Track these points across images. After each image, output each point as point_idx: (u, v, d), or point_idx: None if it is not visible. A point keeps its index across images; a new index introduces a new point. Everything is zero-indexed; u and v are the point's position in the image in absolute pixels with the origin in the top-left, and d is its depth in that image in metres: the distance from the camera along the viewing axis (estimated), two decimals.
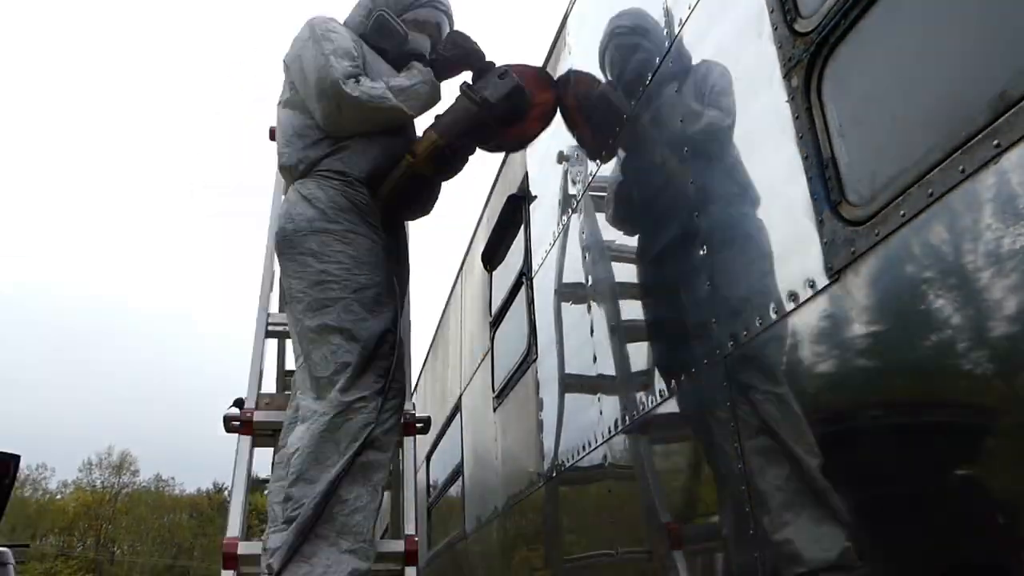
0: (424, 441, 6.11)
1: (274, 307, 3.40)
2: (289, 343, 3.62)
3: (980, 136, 1.04)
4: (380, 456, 2.35)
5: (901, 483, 1.23)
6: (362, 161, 2.57)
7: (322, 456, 2.23)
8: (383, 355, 2.39)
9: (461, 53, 2.73)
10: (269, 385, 3.35)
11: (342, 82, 2.44)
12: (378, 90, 2.49)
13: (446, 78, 2.77)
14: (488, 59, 2.75)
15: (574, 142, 2.86)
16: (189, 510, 54.00)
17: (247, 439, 2.70)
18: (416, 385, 7.03)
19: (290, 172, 2.64)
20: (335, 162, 2.55)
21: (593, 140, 2.68)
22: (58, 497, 51.83)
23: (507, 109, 2.61)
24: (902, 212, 1.18)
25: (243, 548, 2.41)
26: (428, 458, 5.94)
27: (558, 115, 2.95)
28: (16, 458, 6.06)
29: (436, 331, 6.04)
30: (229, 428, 2.72)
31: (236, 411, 2.74)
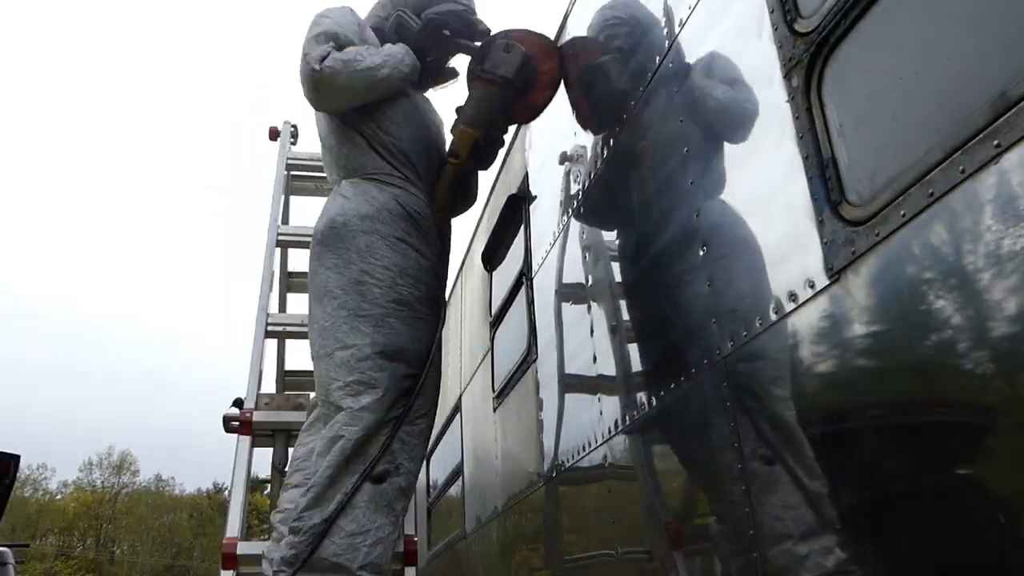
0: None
1: (274, 307, 3.40)
2: (289, 343, 3.63)
3: (980, 136, 1.04)
4: (404, 484, 2.28)
5: (901, 483, 1.23)
6: (407, 165, 2.54)
7: (338, 478, 2.16)
8: (411, 376, 2.32)
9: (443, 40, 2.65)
10: (269, 385, 3.36)
11: (315, 64, 2.36)
12: (349, 54, 2.41)
13: (432, 53, 2.71)
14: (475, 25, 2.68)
15: (574, 142, 2.86)
16: (189, 510, 53.98)
17: (247, 439, 2.71)
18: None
19: (349, 171, 2.57)
20: (391, 166, 2.52)
21: (592, 140, 2.68)
22: (58, 497, 51.82)
23: (523, 81, 2.56)
24: (902, 212, 1.18)
25: (243, 548, 2.42)
26: (428, 458, 5.94)
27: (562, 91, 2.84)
28: (16, 458, 6.07)
29: None
30: (228, 428, 2.72)
31: (236, 411, 2.74)
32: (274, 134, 3.84)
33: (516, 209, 3.57)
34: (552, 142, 3.10)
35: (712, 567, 1.86)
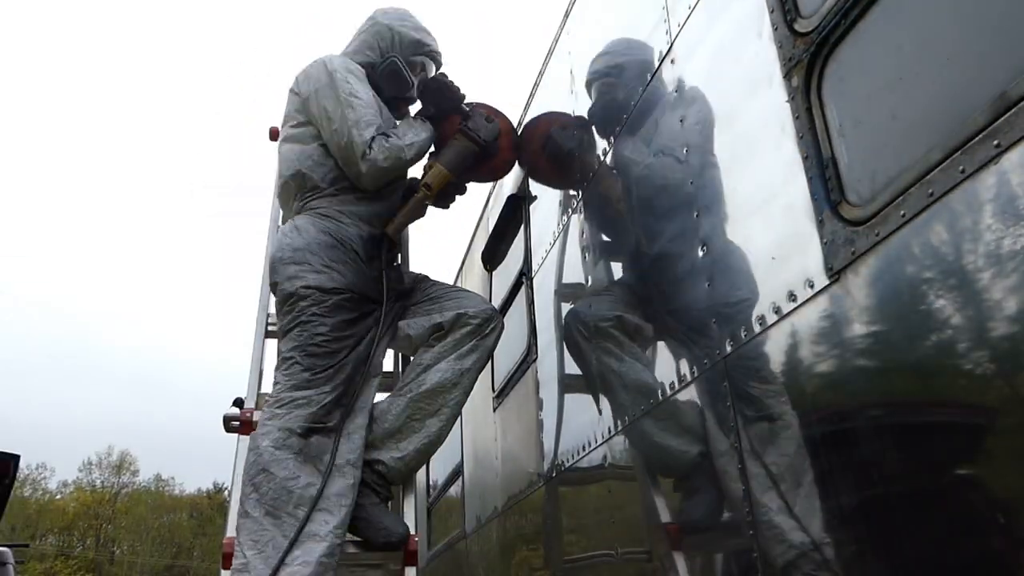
0: None
1: (273, 307, 3.39)
2: None
3: (980, 136, 1.04)
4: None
5: (901, 483, 1.23)
6: (349, 202, 2.72)
7: None
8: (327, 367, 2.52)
9: (449, 106, 2.93)
10: (269, 385, 3.34)
11: (365, 155, 2.60)
12: (394, 152, 2.65)
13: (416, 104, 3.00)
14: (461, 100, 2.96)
15: (573, 142, 2.86)
16: (189, 510, 53.99)
17: (247, 439, 2.63)
18: None
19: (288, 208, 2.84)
20: (323, 202, 2.71)
21: (591, 140, 2.68)
22: (58, 497, 51.82)
23: (494, 149, 2.91)
24: (902, 212, 1.18)
25: None
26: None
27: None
28: (16, 458, 6.08)
29: None
30: (229, 428, 2.72)
31: (236, 411, 2.74)
32: (274, 134, 3.75)
33: (516, 209, 3.57)
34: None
35: (712, 566, 1.86)
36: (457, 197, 2.99)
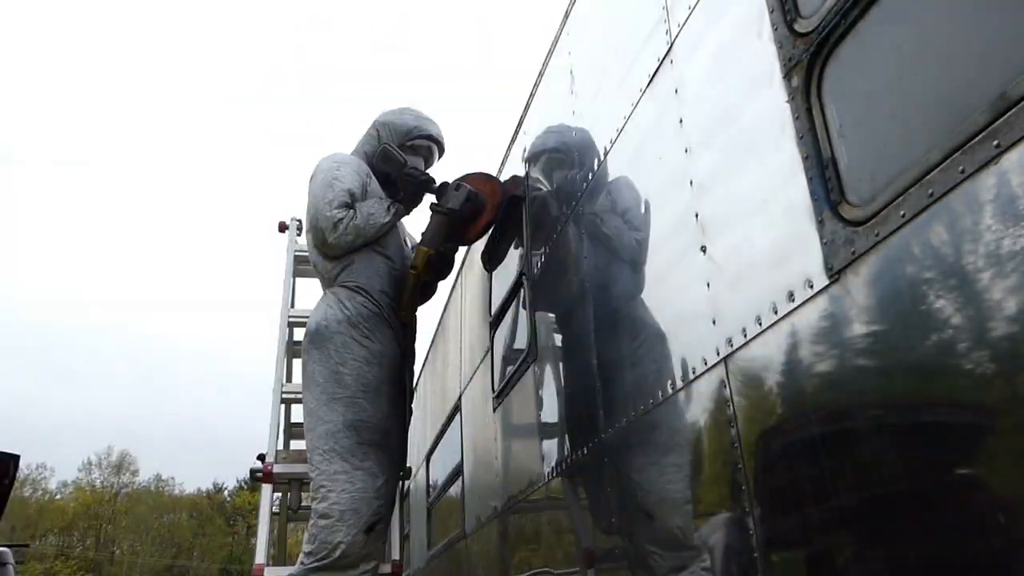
0: (424, 441, 6.11)
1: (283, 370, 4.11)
2: (296, 407, 4.31)
3: (980, 136, 1.04)
4: (383, 527, 3.06)
5: (902, 484, 1.23)
6: (374, 278, 3.29)
7: (331, 526, 2.88)
8: (375, 444, 3.05)
9: (417, 189, 3.49)
10: (283, 443, 4.23)
11: (327, 232, 3.21)
12: (349, 235, 3.23)
13: (415, 204, 3.56)
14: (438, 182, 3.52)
15: (573, 140, 2.86)
16: (189, 510, 53.98)
17: (269, 486, 3.51)
18: (416, 385, 7.03)
19: (322, 280, 3.43)
20: (354, 277, 3.27)
21: (590, 141, 2.68)
22: (58, 497, 51.80)
23: (469, 209, 3.43)
24: (902, 212, 1.18)
25: (269, 572, 3.12)
26: (428, 458, 5.94)
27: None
28: (16, 458, 6.08)
29: (436, 331, 6.04)
30: (254, 479, 3.50)
31: (259, 464, 3.51)
32: (282, 227, 4.54)
33: (516, 209, 3.57)
34: (551, 140, 3.11)
35: (713, 567, 1.86)
36: (454, 258, 3.55)
